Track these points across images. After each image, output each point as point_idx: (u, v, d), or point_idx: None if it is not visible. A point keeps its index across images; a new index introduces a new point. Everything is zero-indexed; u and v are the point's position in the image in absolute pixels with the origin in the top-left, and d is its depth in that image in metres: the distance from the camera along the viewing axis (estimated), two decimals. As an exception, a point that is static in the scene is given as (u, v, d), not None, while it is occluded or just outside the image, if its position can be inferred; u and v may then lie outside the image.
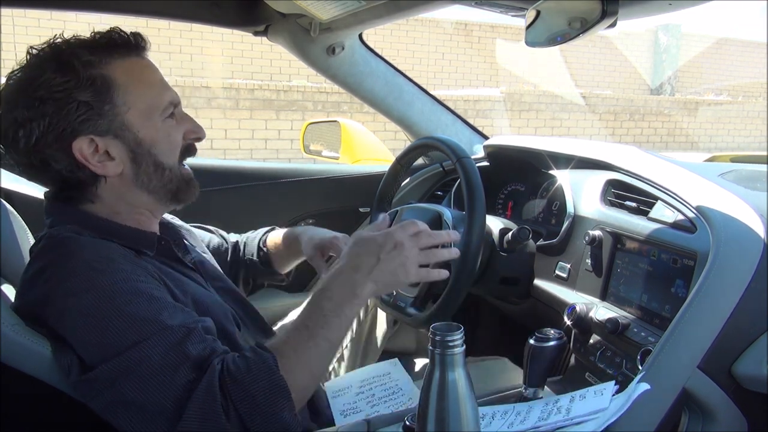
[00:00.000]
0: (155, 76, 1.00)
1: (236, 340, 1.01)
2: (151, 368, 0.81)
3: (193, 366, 0.82)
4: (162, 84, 1.00)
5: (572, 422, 0.77)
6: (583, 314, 1.11)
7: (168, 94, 0.99)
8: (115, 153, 0.95)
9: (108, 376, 0.81)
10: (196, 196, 1.06)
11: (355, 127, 2.16)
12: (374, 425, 0.86)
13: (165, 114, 0.98)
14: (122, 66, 0.95)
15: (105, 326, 0.83)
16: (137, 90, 0.96)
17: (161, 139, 0.98)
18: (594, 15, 0.93)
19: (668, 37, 12.28)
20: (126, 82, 0.95)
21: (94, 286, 0.85)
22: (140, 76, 0.97)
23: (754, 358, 0.86)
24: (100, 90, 0.92)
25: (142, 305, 0.85)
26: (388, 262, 0.98)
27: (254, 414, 0.80)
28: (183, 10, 1.59)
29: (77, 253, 0.89)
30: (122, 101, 0.94)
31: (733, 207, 0.98)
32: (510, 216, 1.60)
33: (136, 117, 0.95)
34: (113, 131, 0.94)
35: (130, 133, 0.95)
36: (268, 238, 1.39)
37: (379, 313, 1.53)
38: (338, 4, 1.38)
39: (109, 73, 0.94)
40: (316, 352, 0.89)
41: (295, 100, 7.67)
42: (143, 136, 0.96)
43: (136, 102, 0.95)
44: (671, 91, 12.50)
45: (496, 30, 10.85)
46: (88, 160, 0.93)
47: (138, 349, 0.82)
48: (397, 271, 0.99)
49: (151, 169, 0.98)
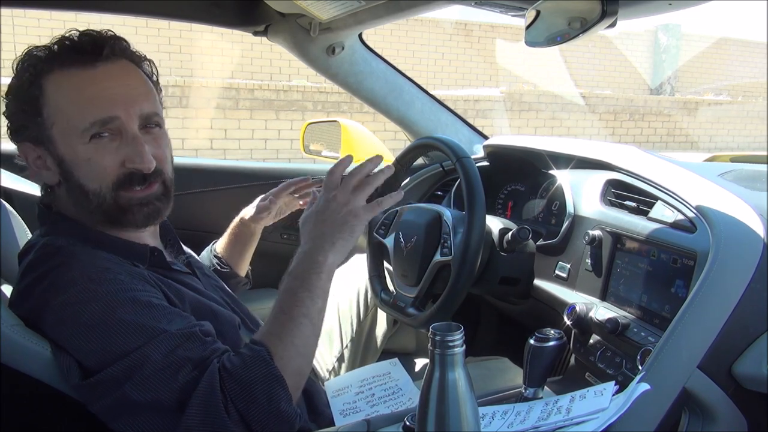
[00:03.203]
0: (87, 90, 0.90)
1: (240, 341, 1.01)
2: (153, 369, 0.81)
3: (194, 366, 0.83)
4: (91, 99, 0.90)
5: (572, 422, 0.77)
6: (583, 314, 1.11)
7: (93, 112, 0.89)
8: (50, 164, 0.94)
9: (110, 379, 0.82)
10: (154, 222, 0.99)
11: (355, 127, 2.15)
12: (374, 425, 0.86)
13: (86, 135, 0.90)
14: (59, 77, 0.91)
15: (105, 334, 0.83)
16: (61, 105, 0.90)
17: (81, 163, 0.91)
18: (594, 15, 0.92)
19: (668, 37, 12.28)
20: (54, 96, 0.90)
21: (92, 296, 0.85)
22: (69, 91, 0.90)
23: (754, 358, 0.86)
24: (32, 100, 0.91)
25: (141, 313, 0.86)
26: (332, 218, 0.99)
27: (252, 407, 0.81)
28: (183, 10, 1.59)
29: (74, 264, 0.89)
30: (47, 114, 0.91)
31: (733, 207, 0.98)
32: (510, 216, 1.60)
33: (58, 134, 0.91)
34: (43, 143, 0.92)
35: (54, 149, 0.92)
36: (217, 245, 1.42)
37: (379, 313, 1.53)
38: (338, 4, 1.38)
39: (44, 84, 0.91)
40: (300, 332, 0.90)
41: (295, 100, 7.67)
42: (63, 154, 0.91)
43: (58, 118, 0.90)
44: (671, 91, 12.50)
45: (496, 30, 10.84)
46: (29, 164, 0.95)
47: (139, 353, 0.82)
48: (346, 218, 0.99)
49: (78, 191, 0.93)
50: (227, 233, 1.42)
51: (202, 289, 1.07)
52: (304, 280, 0.94)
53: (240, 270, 1.42)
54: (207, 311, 1.00)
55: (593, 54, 11.63)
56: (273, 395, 0.83)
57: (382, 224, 1.45)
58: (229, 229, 1.42)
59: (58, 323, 0.86)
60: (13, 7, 2.74)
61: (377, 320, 1.54)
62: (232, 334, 1.02)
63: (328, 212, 1.00)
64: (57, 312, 0.86)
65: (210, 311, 1.01)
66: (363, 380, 1.23)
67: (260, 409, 0.82)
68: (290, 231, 1.91)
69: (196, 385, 0.81)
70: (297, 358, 0.89)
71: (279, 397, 0.83)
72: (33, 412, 0.91)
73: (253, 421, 0.81)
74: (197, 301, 1.00)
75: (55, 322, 0.86)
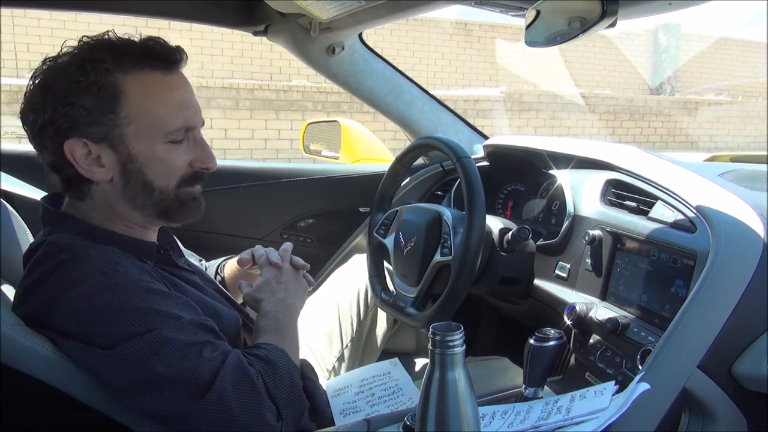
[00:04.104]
0: (174, 96, 0.95)
1: (241, 341, 1.03)
2: (178, 346, 0.84)
3: (214, 349, 0.88)
4: (179, 106, 0.95)
5: (572, 422, 0.77)
6: (583, 314, 1.11)
7: (181, 118, 0.95)
8: (106, 161, 0.93)
9: (134, 353, 0.83)
10: (194, 218, 1.03)
11: (355, 127, 2.16)
12: (374, 425, 0.86)
13: (170, 137, 0.95)
14: (140, 79, 0.93)
15: (123, 319, 0.84)
16: (146, 107, 0.93)
17: (156, 161, 0.95)
18: (594, 15, 0.92)
19: (668, 37, 12.27)
20: (136, 96, 0.92)
21: (106, 287, 0.86)
22: (155, 94, 0.94)
23: (754, 357, 0.86)
24: (105, 98, 0.90)
25: (155, 300, 0.88)
26: (292, 288, 1.15)
27: (278, 384, 0.90)
28: (183, 10, 1.59)
29: (84, 260, 0.89)
30: (125, 114, 0.91)
31: (733, 207, 0.98)
32: (510, 216, 1.60)
33: (135, 133, 0.93)
34: (109, 140, 0.92)
35: (124, 146, 0.93)
36: (226, 265, 1.36)
37: (379, 313, 1.53)
38: (338, 4, 1.38)
39: (122, 84, 0.91)
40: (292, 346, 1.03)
41: (295, 100, 7.67)
42: (137, 152, 0.93)
43: (140, 118, 0.92)
44: (671, 91, 12.50)
45: (496, 30, 10.84)
46: (77, 161, 0.92)
47: (159, 333, 0.84)
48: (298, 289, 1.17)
49: (139, 186, 0.95)
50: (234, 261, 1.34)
51: (205, 287, 1.07)
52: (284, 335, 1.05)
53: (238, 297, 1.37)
54: (211, 310, 1.01)
55: (593, 54, 11.63)
56: (294, 377, 0.94)
57: (382, 224, 1.45)
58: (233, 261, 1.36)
59: (70, 317, 0.85)
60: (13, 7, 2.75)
61: (377, 320, 1.53)
62: (235, 333, 1.04)
63: (285, 282, 1.16)
64: (69, 306, 0.85)
65: (214, 310, 1.01)
66: (363, 380, 1.23)
67: (286, 390, 0.91)
68: (290, 231, 1.91)
69: (222, 362, 0.86)
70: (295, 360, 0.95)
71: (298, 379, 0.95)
72: (33, 412, 0.91)
73: (279, 397, 0.88)
74: (201, 300, 1.01)
75: (67, 316, 0.86)
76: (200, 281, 1.08)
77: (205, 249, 1.45)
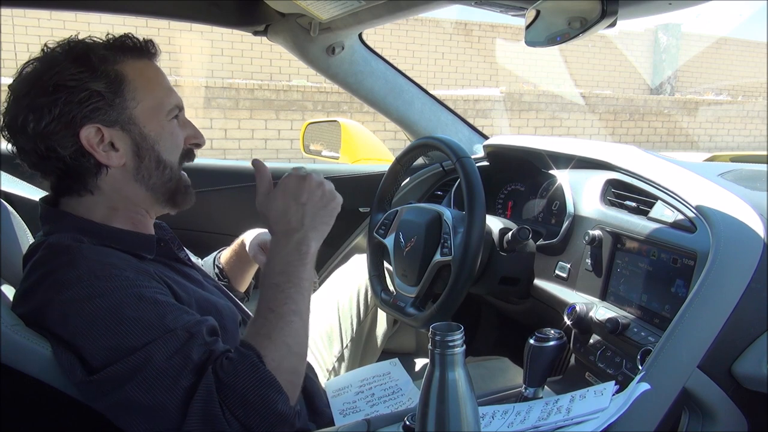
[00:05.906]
0: (164, 79, 1.04)
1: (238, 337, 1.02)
2: (156, 371, 0.82)
3: (193, 370, 0.84)
4: (169, 88, 1.04)
5: (572, 422, 0.77)
6: (583, 314, 1.11)
7: (174, 98, 1.03)
8: (120, 145, 0.97)
9: (113, 378, 0.82)
10: (191, 203, 1.08)
11: (355, 127, 2.16)
12: (374, 425, 0.86)
13: (170, 115, 1.02)
14: (134, 65, 0.99)
15: (110, 331, 0.84)
16: (147, 88, 0.99)
17: (165, 137, 1.01)
18: (594, 15, 0.92)
19: (668, 37, 12.28)
20: (137, 80, 0.98)
21: (98, 292, 0.86)
22: (150, 77, 1.01)
23: (754, 357, 0.86)
24: (112, 82, 0.96)
25: (146, 310, 0.86)
26: (312, 202, 1.00)
27: (250, 413, 0.82)
28: (183, 10, 1.59)
29: (80, 262, 0.89)
30: (132, 96, 0.97)
31: (733, 207, 0.98)
32: (510, 216, 1.60)
33: (143, 113, 0.98)
34: (120, 123, 0.97)
35: (136, 127, 0.98)
36: (222, 255, 1.40)
37: (379, 313, 1.53)
38: (338, 4, 1.38)
39: (121, 69, 0.97)
40: (290, 330, 0.90)
41: (295, 100, 7.67)
42: (148, 131, 0.99)
43: (145, 99, 0.99)
44: (671, 90, 12.50)
45: (496, 30, 10.85)
46: (94, 148, 0.95)
47: (143, 352, 0.83)
48: (326, 201, 1.02)
49: (153, 164, 1.00)
50: (231, 247, 1.40)
51: (205, 283, 1.08)
52: (290, 274, 0.94)
53: (239, 285, 1.39)
54: (211, 306, 1.01)
55: (593, 54, 11.63)
56: (267, 399, 0.83)
57: (382, 224, 1.45)
58: (234, 244, 1.40)
59: (62, 319, 0.86)
60: (13, 7, 2.75)
61: (377, 320, 1.53)
62: (234, 328, 1.03)
63: (305, 196, 1.00)
64: (61, 308, 0.86)
65: (213, 306, 1.02)
66: (363, 380, 1.23)
67: (257, 413, 0.82)
68: None
69: (195, 391, 0.82)
70: (290, 357, 0.89)
71: (274, 401, 0.83)
72: (33, 412, 0.91)
73: (253, 425, 0.82)
74: (201, 296, 1.01)
75: (59, 318, 0.86)
76: (200, 277, 1.09)
77: (205, 249, 1.45)
